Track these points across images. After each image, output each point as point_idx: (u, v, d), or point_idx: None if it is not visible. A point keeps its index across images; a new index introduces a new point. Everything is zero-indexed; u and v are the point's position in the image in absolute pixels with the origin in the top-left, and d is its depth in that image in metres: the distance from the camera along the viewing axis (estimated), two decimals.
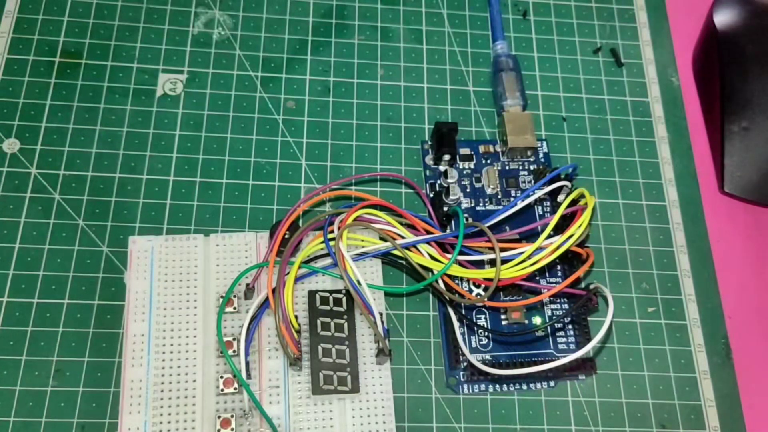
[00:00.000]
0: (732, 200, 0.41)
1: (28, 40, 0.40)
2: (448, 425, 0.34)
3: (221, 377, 0.32)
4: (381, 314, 0.33)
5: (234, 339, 0.32)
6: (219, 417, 0.31)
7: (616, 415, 0.35)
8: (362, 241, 0.35)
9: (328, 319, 0.33)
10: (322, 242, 0.33)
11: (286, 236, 0.34)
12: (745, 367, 0.37)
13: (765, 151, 0.39)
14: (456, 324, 0.34)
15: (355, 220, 0.34)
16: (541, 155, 0.40)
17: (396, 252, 0.34)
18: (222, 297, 0.33)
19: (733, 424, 0.35)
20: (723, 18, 0.42)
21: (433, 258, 0.34)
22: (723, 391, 0.36)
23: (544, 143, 0.40)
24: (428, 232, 0.34)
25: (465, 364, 0.34)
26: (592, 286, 0.34)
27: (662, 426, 0.35)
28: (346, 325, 0.33)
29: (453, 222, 0.36)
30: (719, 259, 0.39)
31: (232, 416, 0.31)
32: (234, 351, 0.32)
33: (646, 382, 0.36)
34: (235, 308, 0.33)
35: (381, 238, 0.34)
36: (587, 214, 0.33)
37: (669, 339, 0.37)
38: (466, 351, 0.33)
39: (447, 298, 0.34)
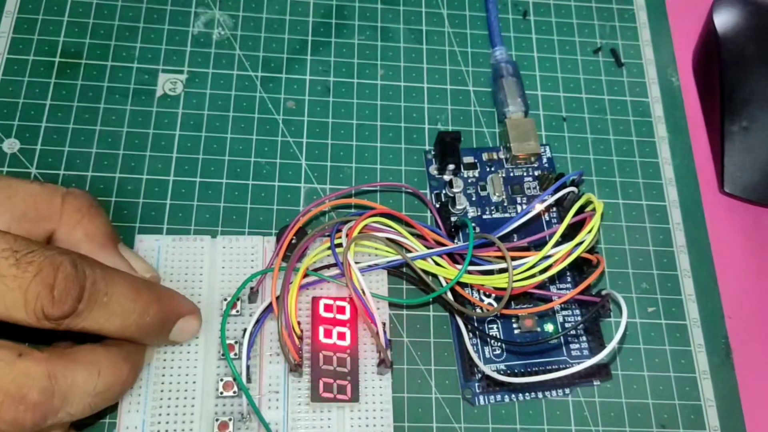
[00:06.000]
0: (732, 200, 0.41)
1: (28, 40, 0.40)
2: (448, 425, 0.34)
3: (221, 380, 0.32)
4: (384, 324, 0.33)
5: (236, 342, 0.32)
6: (217, 420, 0.31)
7: (615, 415, 0.35)
8: (369, 248, 0.34)
9: (330, 327, 0.33)
10: (328, 248, 0.33)
11: (293, 242, 0.33)
12: (745, 367, 0.37)
13: (765, 151, 0.39)
14: (466, 336, 0.33)
15: (363, 228, 0.33)
16: (545, 160, 0.40)
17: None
18: (225, 299, 0.33)
19: (733, 424, 0.35)
20: (723, 18, 0.42)
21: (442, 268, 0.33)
22: (723, 391, 0.36)
23: (548, 148, 0.40)
24: (437, 242, 0.34)
25: (480, 375, 0.34)
26: (604, 293, 0.34)
27: (662, 426, 0.35)
28: (348, 333, 0.33)
29: (461, 232, 0.36)
30: (719, 259, 0.39)
31: (230, 420, 0.31)
32: (235, 354, 0.32)
33: (646, 382, 0.36)
34: (238, 311, 0.33)
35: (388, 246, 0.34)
36: (596, 219, 0.33)
37: (669, 339, 0.37)
38: (479, 363, 0.33)
39: (456, 308, 0.33)
